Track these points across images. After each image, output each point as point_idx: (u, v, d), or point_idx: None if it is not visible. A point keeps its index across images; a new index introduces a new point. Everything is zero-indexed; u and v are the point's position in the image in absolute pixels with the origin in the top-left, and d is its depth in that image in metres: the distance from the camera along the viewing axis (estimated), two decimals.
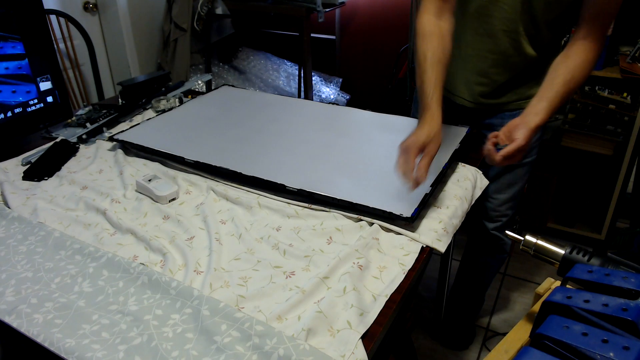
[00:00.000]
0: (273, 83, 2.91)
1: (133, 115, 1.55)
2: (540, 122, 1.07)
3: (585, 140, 2.04)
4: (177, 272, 0.89)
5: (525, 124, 1.06)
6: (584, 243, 2.17)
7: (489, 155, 1.08)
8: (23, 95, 1.35)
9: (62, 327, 0.77)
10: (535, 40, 1.17)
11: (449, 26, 1.15)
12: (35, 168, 1.23)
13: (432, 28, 1.13)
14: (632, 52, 1.86)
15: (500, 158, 1.06)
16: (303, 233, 0.98)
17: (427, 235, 0.96)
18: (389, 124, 1.36)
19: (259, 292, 0.83)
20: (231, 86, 1.70)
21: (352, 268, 0.86)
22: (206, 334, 0.75)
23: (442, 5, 1.15)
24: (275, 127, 1.37)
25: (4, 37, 1.28)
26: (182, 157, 1.20)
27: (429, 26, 1.14)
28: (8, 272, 0.89)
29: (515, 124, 1.08)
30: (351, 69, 3.04)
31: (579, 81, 1.10)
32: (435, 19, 1.14)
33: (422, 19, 1.15)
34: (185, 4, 2.53)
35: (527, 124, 1.06)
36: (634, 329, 0.51)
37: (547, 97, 1.09)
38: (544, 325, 0.53)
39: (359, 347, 0.73)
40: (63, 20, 2.09)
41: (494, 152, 1.07)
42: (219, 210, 1.07)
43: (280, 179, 1.09)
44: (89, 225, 1.03)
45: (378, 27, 2.83)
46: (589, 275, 0.61)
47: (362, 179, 1.10)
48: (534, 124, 1.06)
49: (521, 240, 0.73)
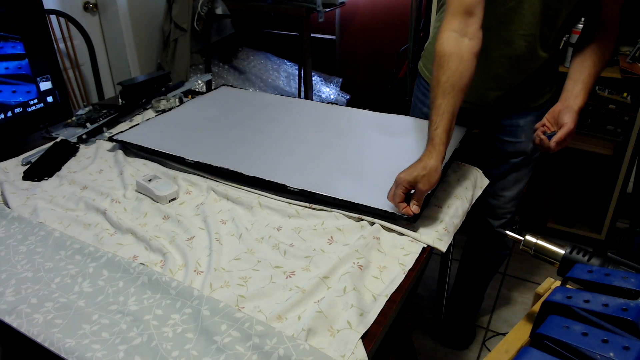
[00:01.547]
0: (273, 83, 2.91)
1: (133, 115, 1.55)
2: (582, 103, 1.12)
3: (585, 140, 2.03)
4: (177, 272, 0.89)
5: (569, 107, 1.11)
6: (584, 243, 2.17)
7: (542, 143, 1.12)
8: (23, 95, 1.35)
9: (62, 327, 0.77)
10: (547, 42, 1.18)
11: (474, 44, 1.02)
12: (35, 168, 1.23)
13: (451, 48, 1.00)
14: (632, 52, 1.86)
15: (555, 144, 1.10)
16: (304, 233, 0.98)
17: (428, 234, 0.96)
18: (389, 124, 1.36)
19: (259, 292, 0.83)
20: (230, 86, 1.70)
21: (352, 268, 0.86)
22: (206, 334, 0.75)
23: (467, 20, 1.02)
24: (275, 127, 1.37)
25: (4, 37, 1.28)
26: (183, 157, 1.20)
27: (447, 46, 1.01)
28: (8, 272, 0.89)
29: (558, 110, 1.13)
30: (351, 69, 3.04)
31: (605, 62, 1.15)
32: (458, 36, 1.01)
33: (442, 36, 1.02)
34: (185, 4, 2.53)
35: (571, 108, 1.11)
36: (634, 329, 0.51)
37: (582, 80, 1.13)
38: (544, 325, 0.53)
39: (359, 347, 0.73)
40: (63, 20, 2.09)
41: (546, 139, 1.12)
42: (219, 210, 1.07)
43: (280, 179, 1.09)
44: (89, 225, 1.03)
45: (378, 27, 2.83)
46: (589, 275, 0.61)
47: (362, 179, 1.10)
48: (577, 106, 1.11)
49: (521, 240, 0.73)
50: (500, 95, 1.27)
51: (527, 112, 1.31)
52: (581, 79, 1.13)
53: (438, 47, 1.02)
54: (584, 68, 1.13)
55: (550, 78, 1.29)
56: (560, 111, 1.12)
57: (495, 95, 1.27)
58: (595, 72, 1.13)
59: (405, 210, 0.95)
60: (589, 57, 1.14)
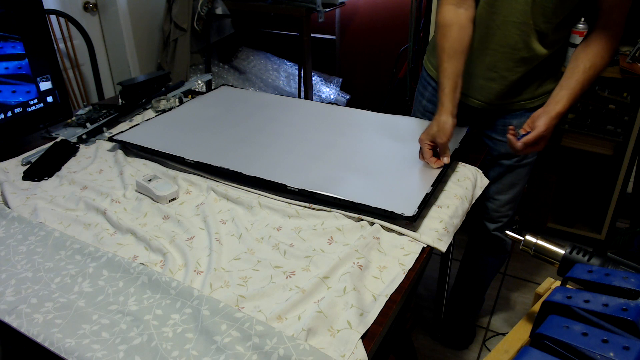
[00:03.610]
0: (273, 83, 2.91)
1: (133, 115, 1.55)
2: (562, 109, 1.11)
3: (585, 140, 2.04)
4: (177, 272, 0.89)
5: (546, 112, 1.12)
6: (584, 243, 2.17)
7: (510, 143, 1.14)
8: (23, 95, 1.35)
9: (62, 327, 0.77)
10: (545, 38, 1.17)
11: (470, 14, 1.17)
12: (35, 168, 1.23)
13: (452, 18, 1.16)
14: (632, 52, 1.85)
15: (522, 145, 1.11)
16: (304, 233, 0.98)
17: (428, 234, 0.96)
18: (389, 124, 1.36)
19: (259, 292, 0.83)
20: (230, 86, 1.70)
21: (352, 268, 0.86)
22: (206, 334, 0.75)
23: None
24: (275, 127, 1.37)
25: (4, 37, 1.28)
26: (182, 157, 1.20)
27: (448, 16, 1.16)
28: (8, 272, 0.89)
29: (538, 114, 1.13)
30: (351, 69, 3.04)
31: (599, 69, 1.13)
32: (455, 7, 1.17)
33: (442, 9, 1.18)
34: (185, 4, 2.53)
35: (548, 113, 1.11)
36: (634, 329, 0.51)
37: (567, 86, 1.12)
38: (544, 325, 0.53)
39: (359, 347, 0.73)
40: (63, 20, 2.09)
41: (514, 139, 1.13)
42: (219, 210, 1.07)
43: (280, 179, 1.09)
44: (89, 225, 1.03)
45: (378, 27, 2.83)
46: (589, 275, 0.61)
47: (362, 179, 1.10)
48: (555, 112, 1.11)
49: (521, 240, 0.73)
50: (500, 90, 1.27)
51: (522, 112, 1.30)
52: (567, 84, 1.12)
53: (439, 19, 1.18)
54: (573, 74, 1.12)
55: (551, 78, 1.29)
56: (539, 115, 1.12)
57: (496, 89, 1.27)
58: (584, 79, 1.12)
59: (437, 163, 1.13)
60: (581, 63, 1.12)
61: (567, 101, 1.11)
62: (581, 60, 1.12)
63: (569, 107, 1.12)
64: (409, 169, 1.13)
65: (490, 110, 1.33)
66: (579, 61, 1.13)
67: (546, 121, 1.10)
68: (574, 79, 1.12)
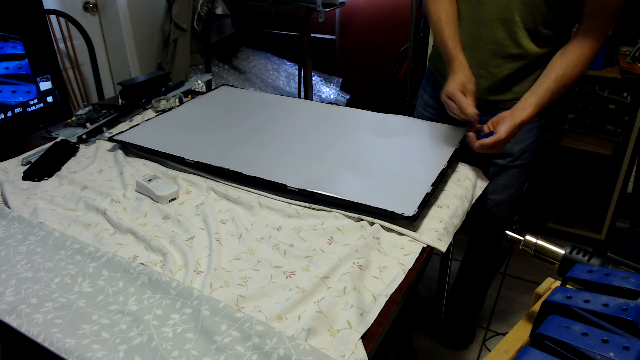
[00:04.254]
0: (273, 83, 2.91)
1: (133, 115, 1.55)
2: (527, 117, 1.11)
3: (585, 140, 2.04)
4: (177, 272, 0.89)
5: (511, 118, 1.11)
6: (584, 243, 2.17)
7: (468, 141, 1.15)
8: (23, 95, 1.35)
9: (62, 327, 0.77)
10: (536, 35, 1.17)
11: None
12: (35, 168, 1.23)
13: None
14: (632, 52, 1.85)
15: (479, 145, 1.12)
16: (304, 233, 0.98)
17: (428, 234, 0.96)
18: (389, 124, 1.36)
19: (259, 292, 0.83)
20: (230, 86, 1.70)
21: (352, 268, 0.86)
22: (206, 334, 0.75)
23: None
24: (275, 127, 1.37)
25: (4, 37, 1.28)
26: (182, 157, 1.20)
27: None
28: (8, 272, 0.89)
29: (503, 116, 1.13)
30: (351, 69, 3.04)
31: (572, 78, 1.12)
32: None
33: None
34: (185, 4, 2.53)
35: (513, 119, 1.11)
36: (634, 329, 0.51)
37: (537, 93, 1.12)
38: (544, 325, 0.53)
39: (359, 347, 0.73)
40: (63, 20, 2.09)
41: (473, 139, 1.13)
42: (219, 210, 1.07)
43: (280, 179, 1.09)
44: (89, 225, 1.03)
45: (378, 27, 2.83)
46: (589, 275, 0.61)
47: (362, 179, 1.10)
48: (520, 119, 1.11)
49: (521, 240, 0.73)
50: (489, 86, 1.27)
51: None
52: (537, 92, 1.12)
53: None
54: (544, 81, 1.12)
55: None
56: (504, 118, 1.12)
57: (484, 86, 1.27)
58: (554, 88, 1.11)
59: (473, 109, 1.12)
60: (554, 71, 1.11)
61: (533, 109, 1.11)
62: (554, 68, 1.12)
63: (534, 116, 1.12)
64: (408, 169, 1.13)
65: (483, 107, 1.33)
66: (552, 68, 1.12)
67: (508, 128, 1.09)
68: (544, 87, 1.11)
